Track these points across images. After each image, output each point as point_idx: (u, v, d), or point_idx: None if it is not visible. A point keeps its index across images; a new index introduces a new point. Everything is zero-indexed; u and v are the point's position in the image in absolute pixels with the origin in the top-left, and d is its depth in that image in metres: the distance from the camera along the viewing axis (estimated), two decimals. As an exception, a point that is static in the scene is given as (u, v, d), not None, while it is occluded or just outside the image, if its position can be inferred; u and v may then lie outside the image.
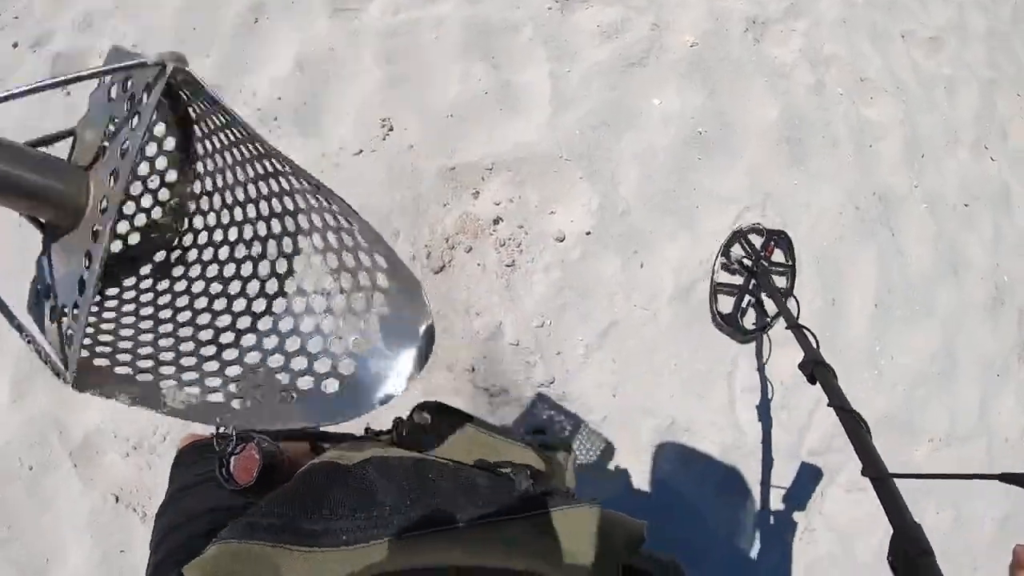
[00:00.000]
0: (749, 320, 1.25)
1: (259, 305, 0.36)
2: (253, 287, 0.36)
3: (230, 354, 0.34)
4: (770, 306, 1.26)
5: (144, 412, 0.29)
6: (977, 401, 1.38)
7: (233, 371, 0.33)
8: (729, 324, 1.21)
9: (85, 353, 0.32)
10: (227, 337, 0.35)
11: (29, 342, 0.28)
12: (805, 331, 0.86)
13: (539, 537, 0.34)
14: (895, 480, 0.51)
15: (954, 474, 0.55)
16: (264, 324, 0.35)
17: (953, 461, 1.33)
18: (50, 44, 1.37)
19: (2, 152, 0.29)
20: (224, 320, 0.36)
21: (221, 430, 0.60)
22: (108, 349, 0.33)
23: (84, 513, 1.13)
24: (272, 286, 0.36)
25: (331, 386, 0.32)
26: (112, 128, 0.32)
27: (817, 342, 0.87)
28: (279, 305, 0.36)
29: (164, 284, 0.38)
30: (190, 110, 0.38)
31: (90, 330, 0.34)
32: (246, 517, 0.36)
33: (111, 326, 0.35)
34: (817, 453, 1.24)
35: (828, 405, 0.71)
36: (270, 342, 0.34)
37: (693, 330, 1.21)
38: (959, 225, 1.50)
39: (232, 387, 0.32)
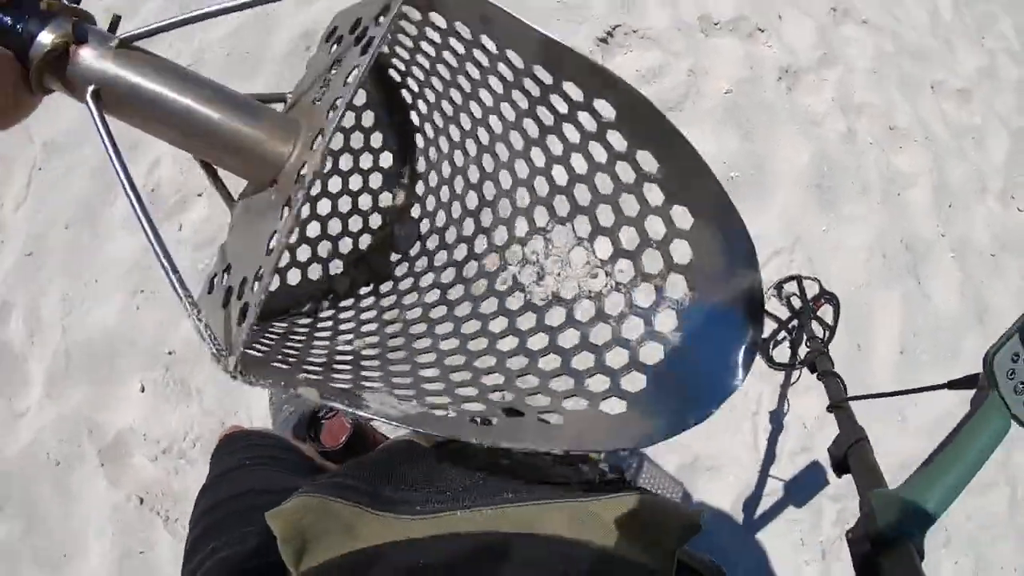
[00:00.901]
0: (780, 354, 1.26)
1: (497, 325, 0.31)
2: (490, 304, 0.31)
3: (458, 376, 0.30)
4: (803, 350, 1.26)
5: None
6: (1000, 449, 1.37)
7: (467, 391, 0.29)
8: (761, 348, 1.22)
9: (259, 353, 0.30)
10: (455, 359, 0.31)
11: (199, 318, 0.24)
12: (838, 378, 0.86)
13: (609, 518, 0.33)
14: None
15: (906, 390, 0.52)
16: (506, 344, 0.30)
17: (975, 509, 1.32)
18: (135, 19, 1.42)
19: (219, 99, 0.27)
20: (451, 343, 0.32)
21: None
22: (295, 358, 0.31)
23: (107, 512, 1.15)
24: (515, 302, 0.31)
25: (614, 406, 0.27)
26: (326, 85, 0.28)
27: (845, 386, 0.87)
28: (525, 321, 0.31)
29: (390, 299, 0.35)
30: (410, 80, 0.33)
31: (274, 340, 0.31)
32: (327, 477, 0.37)
33: (323, 343, 0.33)
34: (838, 498, 1.24)
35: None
36: (516, 362, 0.30)
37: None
38: (986, 273, 1.51)
39: (471, 406, 0.28)
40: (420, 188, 0.37)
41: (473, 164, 0.34)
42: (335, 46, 0.30)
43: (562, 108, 0.30)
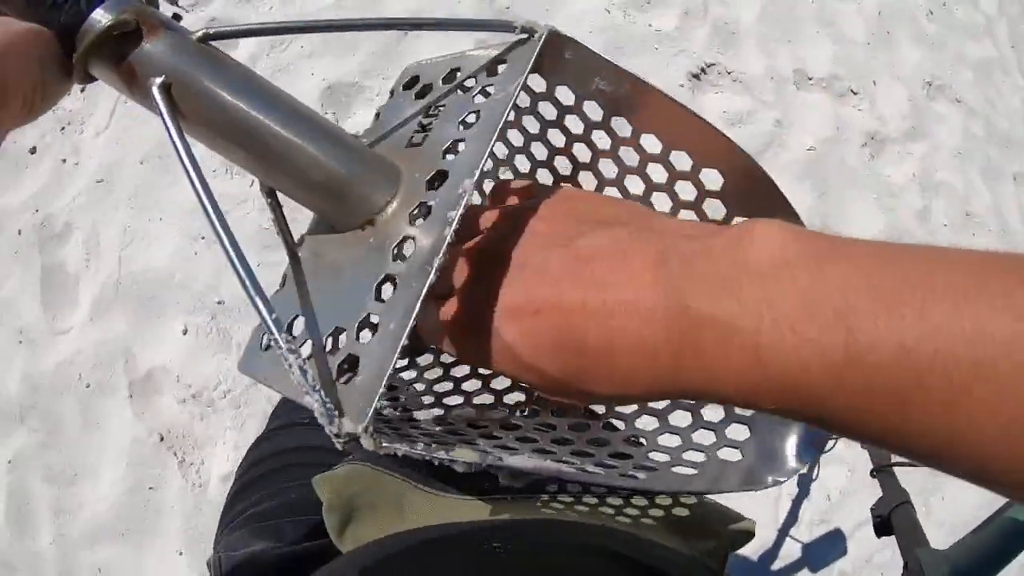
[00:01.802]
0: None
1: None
2: None
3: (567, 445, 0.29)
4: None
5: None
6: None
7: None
8: None
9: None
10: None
11: (304, 369, 0.20)
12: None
13: (666, 514, 0.34)
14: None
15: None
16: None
17: None
18: (207, 8, 1.46)
19: (313, 126, 0.23)
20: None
21: None
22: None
23: (125, 443, 1.17)
24: None
25: (728, 455, 0.28)
26: (426, 129, 0.26)
27: (889, 453, 0.85)
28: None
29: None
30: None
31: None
32: None
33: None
34: (854, 572, 1.22)
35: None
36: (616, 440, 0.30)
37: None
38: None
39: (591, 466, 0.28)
40: None
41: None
42: (420, 95, 0.28)
43: (632, 161, 0.29)
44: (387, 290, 0.22)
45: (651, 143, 0.28)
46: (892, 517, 0.74)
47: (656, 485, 0.28)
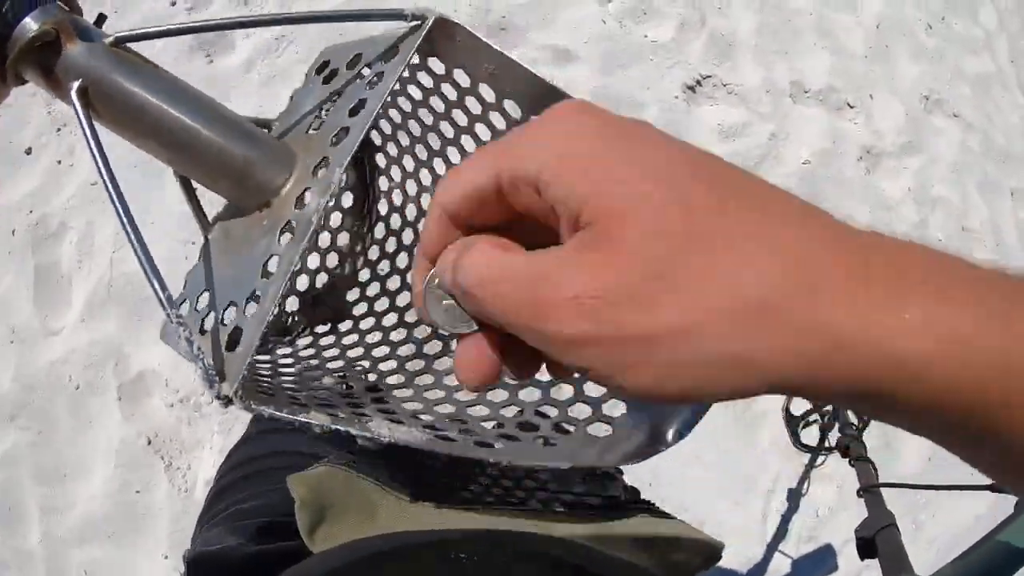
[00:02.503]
0: (808, 435, 1.23)
1: None
2: None
3: (443, 409, 0.30)
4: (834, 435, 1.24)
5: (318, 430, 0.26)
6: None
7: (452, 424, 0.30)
8: (790, 426, 1.20)
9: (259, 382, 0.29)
10: (435, 393, 0.31)
11: (190, 339, 0.22)
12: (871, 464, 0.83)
13: (634, 535, 0.34)
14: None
15: (945, 485, 0.52)
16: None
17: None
18: (207, 10, 1.46)
19: (197, 108, 0.25)
20: (425, 379, 0.32)
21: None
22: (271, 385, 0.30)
23: (115, 444, 1.17)
24: None
25: (599, 430, 0.29)
26: (323, 115, 0.28)
27: (877, 473, 0.84)
28: None
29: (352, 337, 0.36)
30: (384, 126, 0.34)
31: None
32: (356, 452, 0.36)
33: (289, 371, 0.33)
34: (837, 594, 1.21)
35: None
36: (497, 395, 0.31)
37: (746, 438, 1.20)
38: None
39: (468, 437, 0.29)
40: (380, 230, 0.38)
41: (427, 193, 0.36)
42: (327, 80, 0.30)
43: None
44: (273, 266, 0.24)
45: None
46: (876, 540, 0.73)
47: (518, 458, 0.28)
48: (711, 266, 0.15)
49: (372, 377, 0.35)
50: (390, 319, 0.37)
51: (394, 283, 0.37)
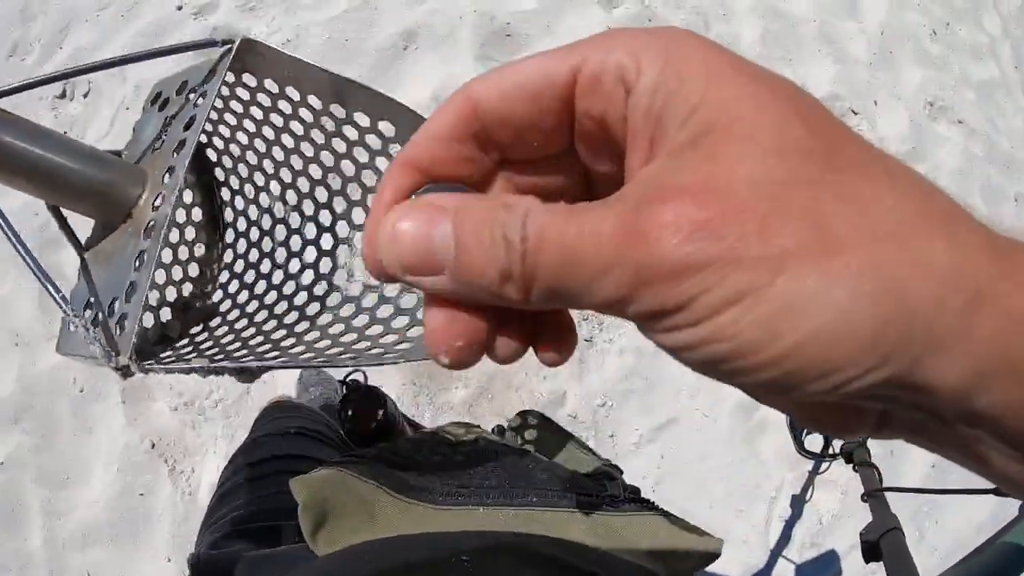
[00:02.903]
0: (812, 443, 1.23)
1: (324, 318, 0.37)
2: (314, 307, 0.38)
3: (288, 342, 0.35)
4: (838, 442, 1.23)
5: (200, 376, 0.30)
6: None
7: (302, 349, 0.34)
8: (793, 431, 1.19)
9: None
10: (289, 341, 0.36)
11: (87, 327, 0.28)
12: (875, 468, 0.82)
13: (632, 533, 0.34)
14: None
15: (950, 489, 0.52)
16: (324, 319, 0.36)
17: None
18: (212, 15, 1.47)
19: (55, 145, 0.29)
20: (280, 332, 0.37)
21: (350, 379, 0.63)
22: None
23: (118, 448, 1.18)
24: (335, 298, 0.38)
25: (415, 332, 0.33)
26: (163, 136, 0.33)
27: (881, 477, 0.83)
28: (346, 309, 0.37)
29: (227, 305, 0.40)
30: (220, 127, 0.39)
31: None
32: (355, 455, 0.37)
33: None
34: (840, 601, 1.21)
35: None
36: (335, 328, 0.35)
37: (749, 446, 1.19)
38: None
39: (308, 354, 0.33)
40: (230, 236, 0.43)
41: (278, 201, 0.41)
42: (162, 108, 0.34)
43: (353, 135, 0.36)
44: (143, 259, 0.29)
45: (363, 120, 0.34)
46: (881, 543, 0.73)
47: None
48: (857, 195, 0.12)
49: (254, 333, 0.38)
50: (253, 306, 0.41)
51: (250, 276, 0.42)
